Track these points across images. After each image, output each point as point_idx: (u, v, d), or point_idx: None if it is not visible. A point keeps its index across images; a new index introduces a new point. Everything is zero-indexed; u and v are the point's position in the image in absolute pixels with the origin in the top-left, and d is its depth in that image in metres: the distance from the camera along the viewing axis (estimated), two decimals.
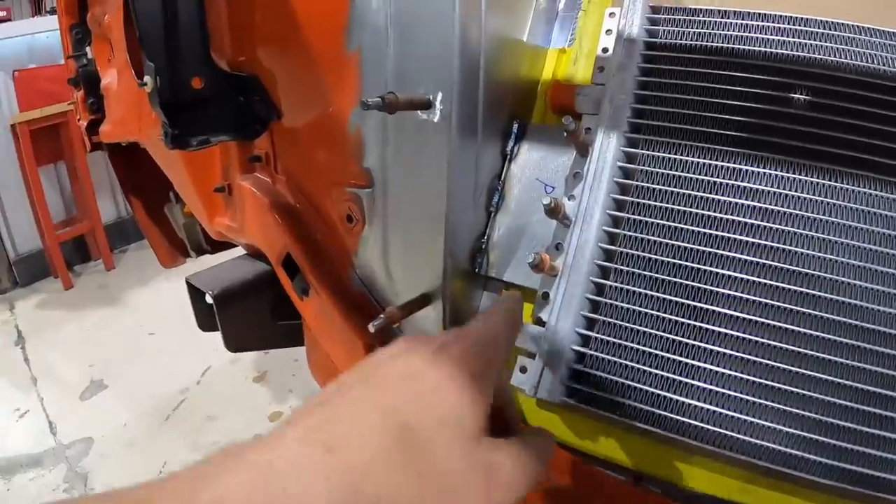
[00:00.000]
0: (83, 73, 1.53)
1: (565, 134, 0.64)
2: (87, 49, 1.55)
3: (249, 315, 1.03)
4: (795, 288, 0.57)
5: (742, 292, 0.59)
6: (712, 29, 0.67)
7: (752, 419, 0.56)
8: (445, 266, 0.65)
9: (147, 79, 0.75)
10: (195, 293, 1.06)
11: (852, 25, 0.64)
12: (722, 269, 0.60)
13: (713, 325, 0.59)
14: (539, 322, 0.67)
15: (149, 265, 1.91)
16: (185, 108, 0.78)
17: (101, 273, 3.61)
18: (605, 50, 0.71)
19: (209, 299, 1.00)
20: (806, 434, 0.54)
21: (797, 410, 0.55)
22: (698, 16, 0.69)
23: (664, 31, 0.69)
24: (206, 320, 1.08)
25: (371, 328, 0.66)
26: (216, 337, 1.05)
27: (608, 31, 0.72)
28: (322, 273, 0.80)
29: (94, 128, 1.52)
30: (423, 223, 0.68)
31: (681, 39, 0.68)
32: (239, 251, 1.16)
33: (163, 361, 2.61)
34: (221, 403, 2.28)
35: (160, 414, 2.33)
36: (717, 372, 0.58)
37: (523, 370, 0.66)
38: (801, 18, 0.65)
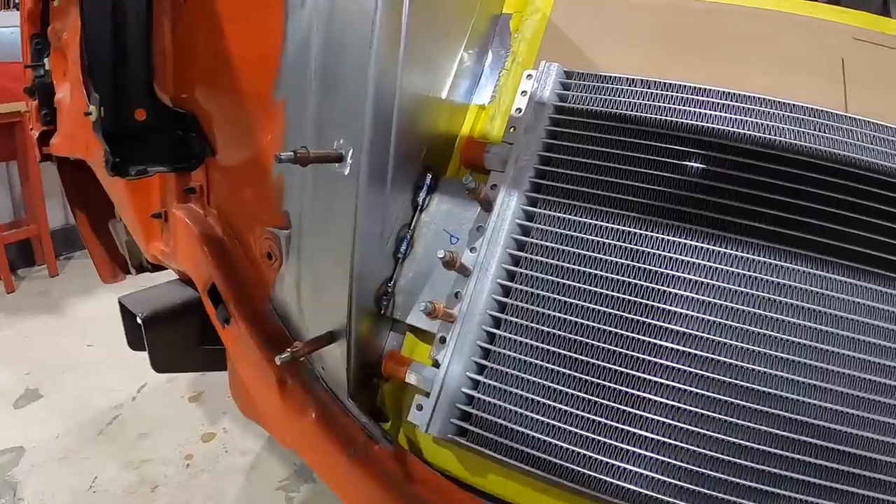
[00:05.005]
0: (39, 83, 1.54)
1: (466, 191, 0.68)
2: (46, 60, 1.55)
3: (176, 338, 1.05)
4: (673, 346, 0.62)
5: (622, 348, 0.63)
6: (619, 96, 0.72)
7: (622, 464, 0.60)
8: (350, 306, 0.69)
9: (92, 108, 0.78)
10: (127, 313, 1.07)
11: (752, 97, 0.69)
12: (605, 325, 0.64)
13: (594, 376, 0.63)
14: (436, 364, 0.71)
15: (92, 275, 1.89)
16: (127, 138, 0.81)
17: (45, 279, 3.53)
18: (518, 110, 0.76)
19: (139, 321, 1.02)
20: (675, 481, 0.59)
21: (663, 458, 0.60)
22: (607, 83, 0.74)
23: (574, 95, 0.74)
24: (135, 340, 1.10)
25: (277, 360, 0.69)
26: None
27: (524, 93, 0.77)
28: (242, 305, 0.83)
29: (45, 138, 1.52)
30: (332, 265, 0.71)
31: (588, 105, 0.73)
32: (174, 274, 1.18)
33: (99, 374, 2.56)
34: (155, 421, 2.25)
35: (94, 427, 2.29)
36: (593, 420, 0.62)
37: (419, 408, 0.69)
38: (704, 89, 0.71)
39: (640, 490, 0.59)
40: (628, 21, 0.81)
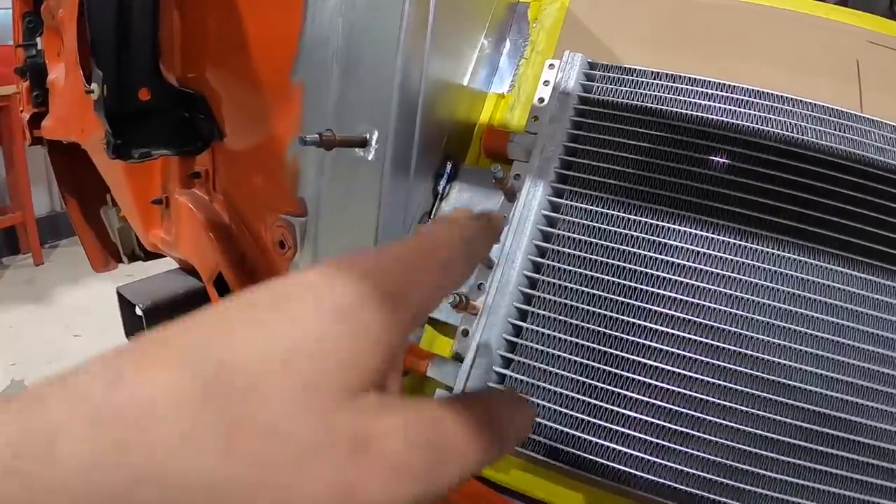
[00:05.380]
0: (31, 63, 1.49)
1: (493, 180, 0.66)
2: (38, 39, 1.50)
3: None
4: (701, 339, 0.61)
5: (651, 341, 0.62)
6: (644, 89, 0.71)
7: (657, 459, 0.59)
8: None
9: (94, 86, 0.74)
10: (125, 304, 1.05)
11: (776, 95, 0.69)
12: (633, 317, 0.63)
13: (623, 370, 0.62)
14: (458, 357, 0.69)
15: (79, 264, 1.84)
16: (130, 119, 0.78)
17: (30, 267, 3.46)
18: (541, 100, 0.75)
19: (139, 312, 1.00)
20: (705, 475, 0.58)
21: (699, 453, 0.59)
22: (632, 75, 0.73)
23: (598, 87, 0.73)
24: (134, 331, 1.07)
25: None
26: None
27: (546, 83, 0.75)
28: None
29: (36, 121, 1.47)
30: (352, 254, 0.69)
31: (613, 97, 0.72)
32: (171, 262, 1.14)
33: None
34: None
35: None
36: (625, 414, 0.61)
37: None
38: (729, 85, 0.70)
39: (684, 488, 0.58)
40: (649, 14, 0.80)
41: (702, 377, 0.60)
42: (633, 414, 0.61)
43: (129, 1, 0.76)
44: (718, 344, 0.61)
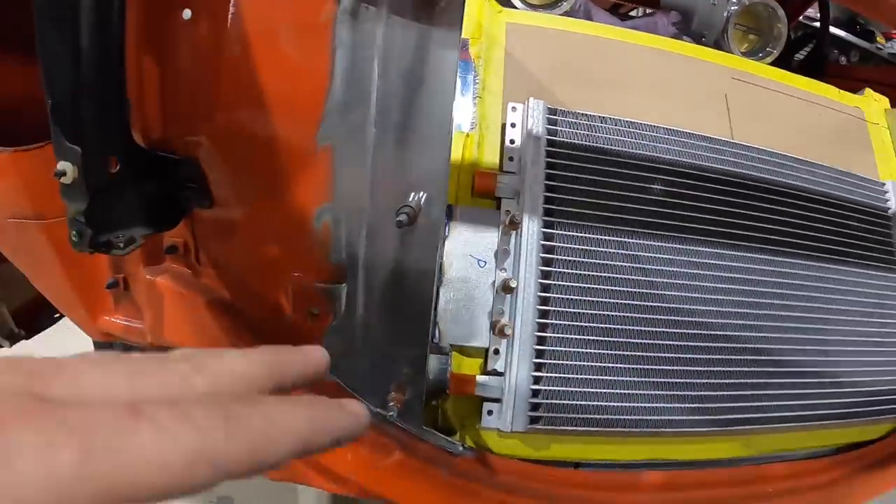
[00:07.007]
0: None
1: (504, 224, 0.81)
2: None
3: None
4: (668, 318, 0.86)
5: (640, 327, 0.85)
6: (596, 132, 0.89)
7: (650, 405, 0.84)
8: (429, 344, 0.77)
9: (65, 166, 0.62)
10: None
11: (685, 132, 0.93)
12: (624, 313, 0.85)
13: (628, 351, 0.84)
14: (494, 373, 0.83)
15: None
16: (97, 197, 0.65)
17: None
18: (511, 141, 0.88)
19: None
20: (687, 405, 0.85)
21: (680, 393, 0.85)
22: (585, 119, 0.90)
23: (561, 130, 0.88)
24: None
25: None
26: None
27: (513, 125, 0.88)
28: None
29: None
30: (407, 309, 0.76)
31: (575, 140, 0.88)
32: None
33: None
34: None
35: None
36: (630, 382, 0.84)
37: (490, 413, 0.82)
38: (654, 126, 0.92)
39: (668, 417, 0.84)
40: (567, 55, 0.97)
41: (676, 343, 0.86)
42: (635, 379, 0.84)
43: (86, 40, 0.61)
44: (682, 319, 0.86)
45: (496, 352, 0.83)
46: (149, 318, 0.84)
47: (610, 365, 0.84)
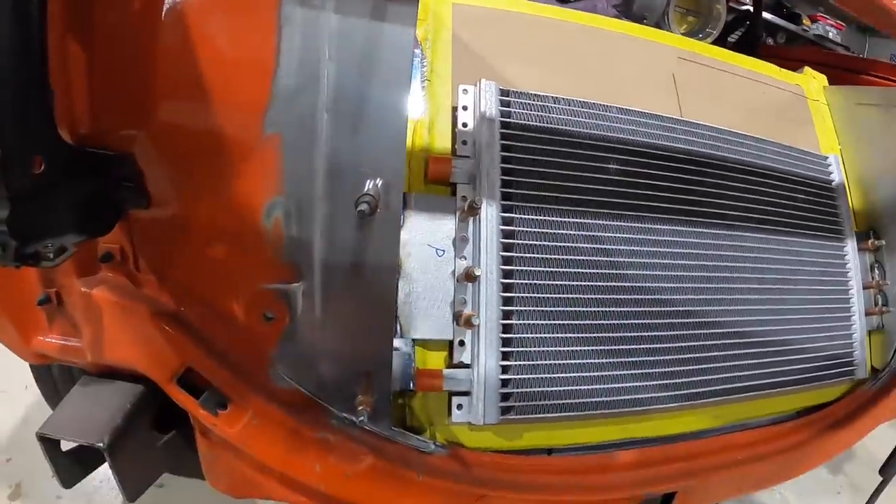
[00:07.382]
0: None
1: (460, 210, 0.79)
2: None
3: (142, 449, 0.81)
4: (628, 297, 0.86)
5: (603, 308, 0.84)
6: (549, 113, 0.88)
7: (619, 385, 0.84)
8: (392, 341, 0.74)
9: None
10: (56, 449, 0.78)
11: (637, 111, 0.92)
12: (586, 295, 0.84)
13: (595, 333, 0.84)
14: (462, 365, 0.81)
15: None
16: (19, 202, 0.57)
17: None
18: (464, 124, 0.85)
19: (101, 449, 0.73)
20: (656, 381, 0.85)
21: (647, 371, 0.85)
22: (537, 101, 0.88)
23: (515, 112, 0.86)
24: (70, 473, 0.79)
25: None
26: None
27: (465, 108, 0.86)
28: (244, 380, 0.73)
29: None
30: (368, 306, 0.72)
31: (528, 121, 0.87)
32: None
33: None
34: None
35: None
36: (599, 363, 0.83)
37: (460, 407, 0.79)
38: (605, 105, 0.91)
39: (633, 397, 0.84)
40: (514, 36, 0.95)
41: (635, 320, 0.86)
42: (601, 361, 0.83)
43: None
44: (640, 297, 0.87)
45: (461, 343, 0.81)
46: (87, 335, 0.76)
47: (577, 348, 0.83)
